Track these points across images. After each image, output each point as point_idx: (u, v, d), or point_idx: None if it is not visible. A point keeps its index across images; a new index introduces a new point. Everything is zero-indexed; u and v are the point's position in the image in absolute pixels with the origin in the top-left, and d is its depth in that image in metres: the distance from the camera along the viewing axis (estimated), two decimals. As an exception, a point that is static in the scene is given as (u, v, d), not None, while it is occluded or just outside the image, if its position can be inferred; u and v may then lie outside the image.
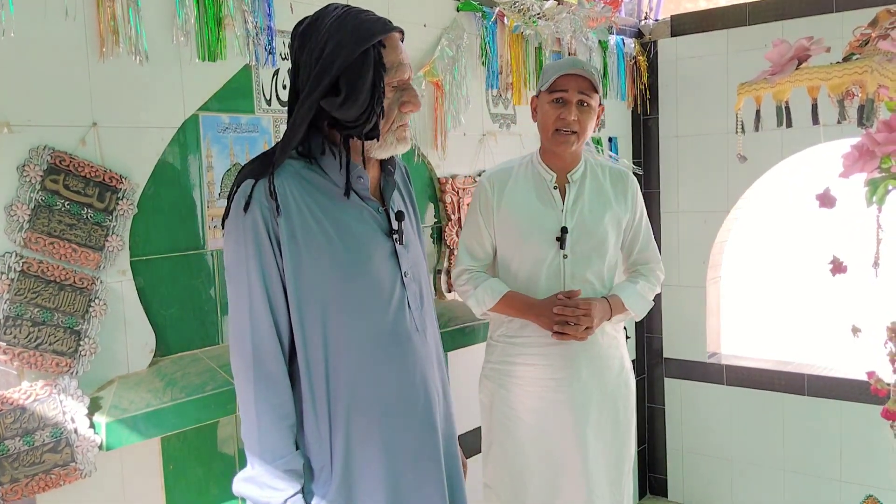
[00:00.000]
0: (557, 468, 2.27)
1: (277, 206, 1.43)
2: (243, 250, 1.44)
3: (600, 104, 2.27)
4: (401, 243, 1.56)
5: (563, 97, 2.20)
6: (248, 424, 1.47)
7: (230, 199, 1.48)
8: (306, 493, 1.49)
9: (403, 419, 1.54)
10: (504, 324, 2.34)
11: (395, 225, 1.56)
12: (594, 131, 2.35)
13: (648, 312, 2.41)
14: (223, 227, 1.51)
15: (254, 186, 1.44)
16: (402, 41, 1.51)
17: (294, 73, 1.50)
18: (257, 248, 1.44)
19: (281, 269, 1.46)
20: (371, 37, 1.43)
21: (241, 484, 1.49)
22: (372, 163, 1.56)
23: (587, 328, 2.17)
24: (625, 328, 2.44)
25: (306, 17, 1.50)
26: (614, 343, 2.35)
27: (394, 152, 1.55)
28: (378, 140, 1.49)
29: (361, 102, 1.42)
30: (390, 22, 1.48)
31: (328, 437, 1.49)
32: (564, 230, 2.23)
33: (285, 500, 1.44)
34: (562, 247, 2.23)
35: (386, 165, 1.60)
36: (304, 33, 1.47)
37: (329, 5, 1.50)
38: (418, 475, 1.56)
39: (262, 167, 1.47)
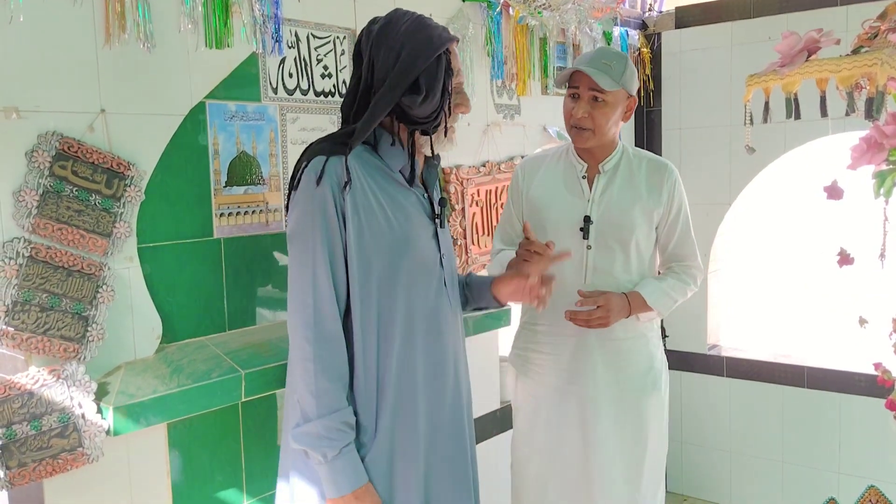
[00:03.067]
0: (569, 460, 2.27)
1: (349, 181, 1.57)
2: (310, 220, 1.58)
3: (630, 96, 2.21)
4: (442, 227, 1.76)
5: (576, 93, 2.18)
6: (305, 380, 1.58)
7: (297, 173, 1.63)
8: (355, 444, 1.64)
9: (439, 384, 1.73)
10: (527, 311, 2.35)
11: (437, 210, 1.75)
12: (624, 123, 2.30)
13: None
14: (288, 199, 1.65)
15: (326, 162, 1.58)
16: (456, 48, 1.71)
17: (368, 69, 1.64)
18: (324, 219, 1.58)
19: (344, 240, 1.60)
20: (443, 43, 1.62)
21: (299, 436, 1.59)
22: (421, 155, 1.74)
23: (600, 318, 2.13)
24: (662, 327, 2.41)
25: (377, 19, 1.66)
26: (642, 341, 2.30)
27: (443, 149, 1.74)
28: (445, 135, 1.69)
29: (437, 101, 1.63)
30: (450, 31, 1.67)
31: (375, 396, 1.65)
32: (588, 220, 2.22)
33: (340, 450, 1.58)
34: (585, 237, 2.22)
35: (429, 159, 1.77)
36: (381, 34, 1.62)
37: (397, 10, 1.68)
38: (447, 436, 1.74)
39: (332, 147, 1.62)
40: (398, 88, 1.59)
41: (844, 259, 1.43)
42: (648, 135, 4.02)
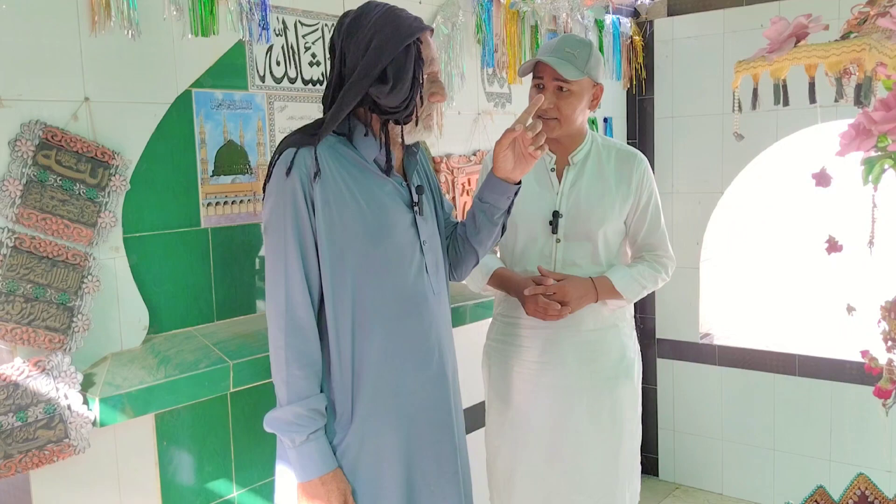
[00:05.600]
0: (544, 451, 2.26)
1: (318, 172, 1.59)
2: (281, 210, 1.60)
3: (596, 84, 2.20)
4: (420, 215, 1.75)
5: (541, 83, 2.15)
6: (277, 367, 1.63)
7: (271, 166, 1.65)
8: (328, 431, 1.67)
9: (420, 373, 1.73)
10: (502, 302, 2.34)
11: (415, 198, 1.75)
12: (591, 112, 2.28)
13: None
14: (264, 192, 1.67)
15: (295, 154, 1.60)
16: (431, 37, 1.70)
17: (340, 60, 1.65)
18: (294, 209, 1.60)
19: (314, 229, 1.62)
20: (412, 33, 1.62)
21: (269, 421, 1.65)
22: (397, 144, 1.73)
23: (564, 305, 2.10)
24: (635, 317, 2.38)
25: (350, 11, 1.67)
26: (614, 331, 2.28)
27: (420, 138, 1.74)
28: (417, 125, 1.68)
29: (405, 91, 1.62)
30: (423, 21, 1.67)
31: (350, 384, 1.67)
32: (556, 214, 2.21)
33: (308, 436, 1.62)
34: (554, 231, 2.21)
35: (409, 147, 1.77)
36: (351, 26, 1.64)
37: (370, 2, 1.68)
38: (431, 423, 1.75)
39: (302, 138, 1.64)
40: (366, 79, 1.60)
41: (833, 246, 1.42)
42: (640, 123, 4.01)
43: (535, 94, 2.17)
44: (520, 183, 1.83)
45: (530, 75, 2.22)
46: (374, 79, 1.60)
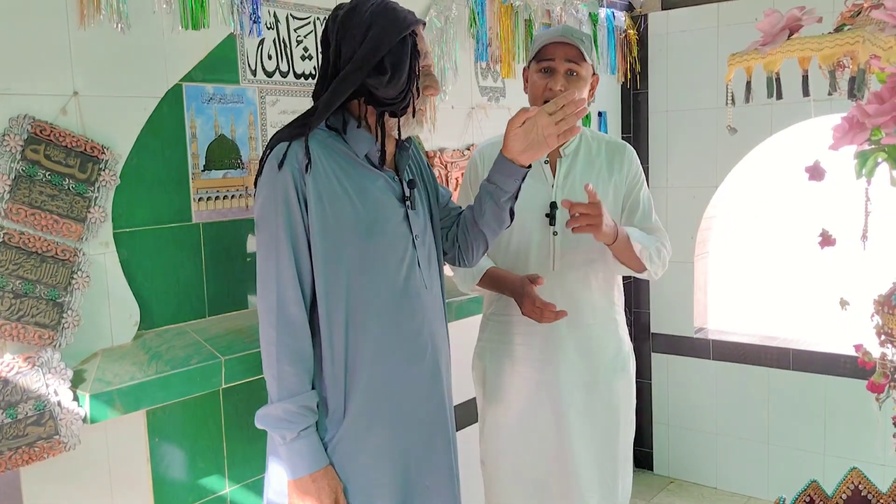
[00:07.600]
0: (544, 450, 2.25)
1: (309, 163, 1.58)
2: (273, 205, 1.59)
3: (594, 74, 2.19)
4: (412, 209, 1.74)
5: (550, 66, 2.11)
6: (268, 363, 1.63)
7: (263, 160, 1.64)
8: (320, 428, 1.67)
9: (414, 368, 1.73)
10: (494, 302, 2.32)
11: (407, 192, 1.74)
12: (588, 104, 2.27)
13: (638, 288, 2.32)
14: (255, 186, 1.66)
15: (288, 148, 1.59)
16: (423, 31, 1.71)
17: (335, 52, 1.65)
18: (286, 204, 1.59)
19: (306, 225, 1.61)
20: (408, 25, 1.63)
21: (260, 417, 1.64)
22: (390, 138, 1.73)
23: (593, 218, 1.96)
24: (626, 312, 2.37)
25: (343, 4, 1.67)
26: (611, 326, 2.29)
27: (412, 132, 1.74)
28: (413, 117, 1.69)
29: (402, 82, 1.62)
30: (416, 14, 1.68)
31: (343, 380, 1.66)
32: (553, 206, 2.20)
33: (299, 433, 1.61)
34: (551, 223, 2.20)
35: (401, 142, 1.76)
36: (346, 17, 1.64)
37: None
38: (424, 418, 1.75)
39: (293, 131, 1.63)
40: (363, 69, 1.60)
41: (826, 240, 1.42)
42: (635, 117, 4.00)
43: (541, 79, 2.13)
44: (529, 167, 1.81)
45: (522, 67, 2.20)
46: (371, 68, 1.60)
